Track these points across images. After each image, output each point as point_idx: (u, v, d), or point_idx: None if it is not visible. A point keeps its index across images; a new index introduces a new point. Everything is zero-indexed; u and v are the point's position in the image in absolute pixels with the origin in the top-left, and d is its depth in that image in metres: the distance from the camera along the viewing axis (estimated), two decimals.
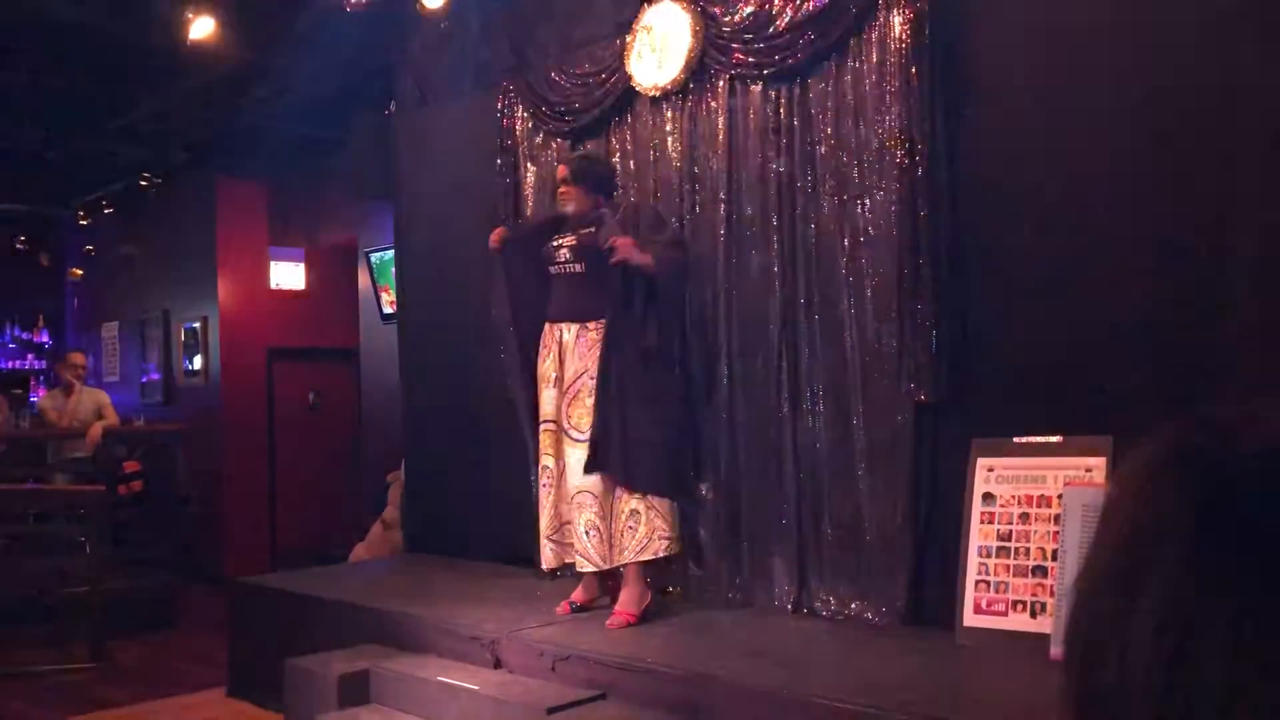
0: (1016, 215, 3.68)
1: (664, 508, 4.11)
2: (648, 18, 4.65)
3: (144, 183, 9.15)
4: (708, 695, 3.32)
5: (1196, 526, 0.50)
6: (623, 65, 4.75)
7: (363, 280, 8.61)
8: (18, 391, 10.42)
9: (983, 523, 3.64)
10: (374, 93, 6.79)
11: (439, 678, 3.90)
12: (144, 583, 7.25)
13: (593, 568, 4.15)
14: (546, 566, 4.38)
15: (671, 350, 4.32)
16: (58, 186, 10.01)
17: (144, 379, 10.10)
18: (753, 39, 4.30)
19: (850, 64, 4.08)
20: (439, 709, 3.82)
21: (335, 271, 9.37)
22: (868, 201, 4.01)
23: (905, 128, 3.82)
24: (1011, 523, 3.60)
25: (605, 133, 4.98)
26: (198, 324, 9.38)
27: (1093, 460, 3.43)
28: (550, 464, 4.27)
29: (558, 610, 4.27)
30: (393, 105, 6.35)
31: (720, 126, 4.46)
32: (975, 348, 3.77)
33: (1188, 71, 3.29)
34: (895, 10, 3.88)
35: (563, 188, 4.32)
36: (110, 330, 10.72)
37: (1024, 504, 3.58)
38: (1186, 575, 0.49)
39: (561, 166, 4.44)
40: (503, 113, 5.37)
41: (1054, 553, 3.44)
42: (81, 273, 11.22)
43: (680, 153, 4.63)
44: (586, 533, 4.11)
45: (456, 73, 5.77)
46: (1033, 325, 3.63)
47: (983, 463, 3.67)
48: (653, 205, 4.56)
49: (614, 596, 4.22)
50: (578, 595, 4.32)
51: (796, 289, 4.24)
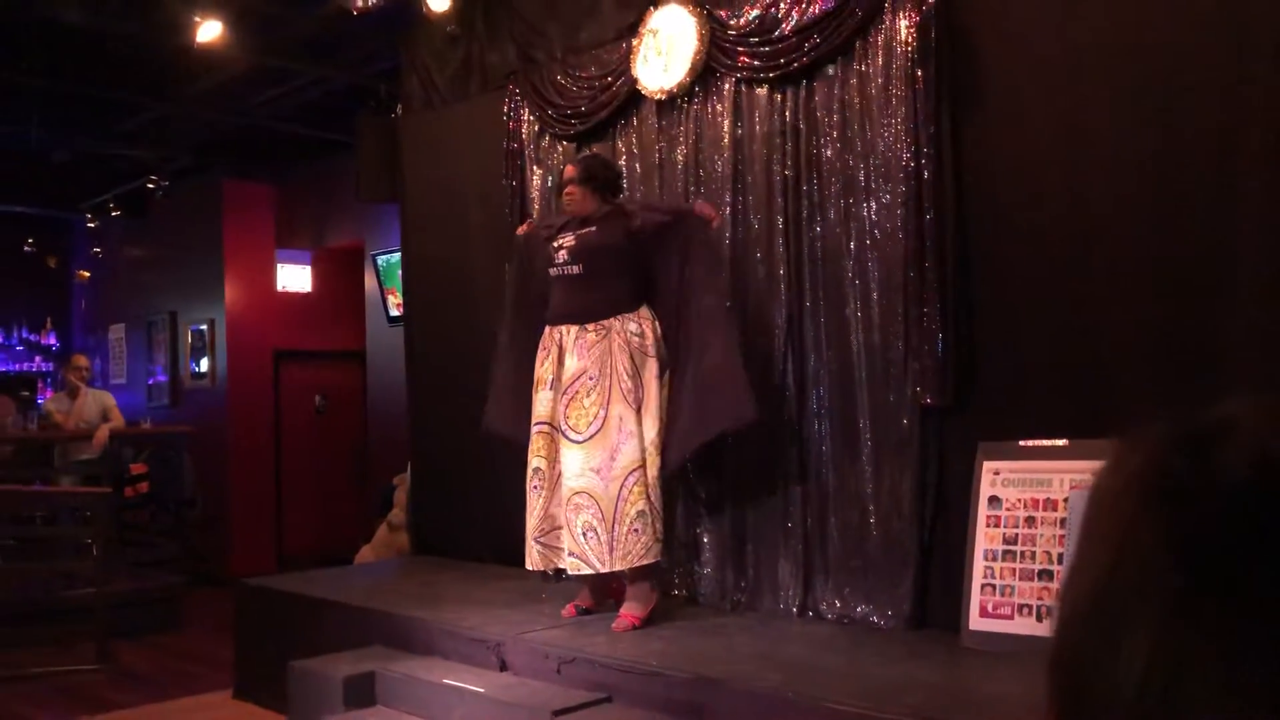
0: (1022, 218, 3.67)
1: (661, 510, 4.11)
2: (654, 21, 4.66)
3: (151, 185, 9.17)
4: (713, 698, 3.31)
5: (1180, 567, 0.49)
6: (629, 68, 4.75)
7: (369, 283, 8.63)
8: (25, 394, 10.42)
9: (989, 526, 3.63)
10: (380, 96, 6.81)
11: (445, 680, 3.90)
12: (150, 585, 7.26)
13: (589, 570, 4.08)
14: (532, 567, 4.33)
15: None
16: (66, 189, 10.05)
17: (151, 381, 10.11)
18: (759, 42, 4.30)
19: (856, 67, 4.08)
20: (444, 711, 3.82)
21: (342, 274, 9.39)
22: (873, 205, 4.01)
23: (911, 131, 3.82)
24: (1017, 526, 3.59)
25: (611, 136, 4.98)
26: (205, 326, 9.40)
27: (1099, 464, 3.42)
28: (542, 466, 4.23)
29: (563, 613, 4.27)
30: (399, 108, 6.36)
31: (726, 129, 4.46)
32: (981, 351, 3.77)
33: (1195, 77, 3.29)
34: (901, 14, 3.88)
35: (569, 188, 4.24)
36: (117, 332, 10.73)
37: (1030, 507, 3.58)
38: (1172, 619, 0.48)
39: (569, 166, 4.37)
40: (508, 116, 5.38)
41: (1060, 556, 3.43)
42: (89, 275, 11.24)
43: (686, 156, 4.63)
44: (584, 534, 4.03)
45: (463, 76, 5.78)
46: (1039, 328, 3.63)
47: (989, 466, 3.67)
48: (650, 202, 4.59)
49: (617, 599, 4.21)
50: (583, 599, 4.32)
51: (802, 292, 4.24)
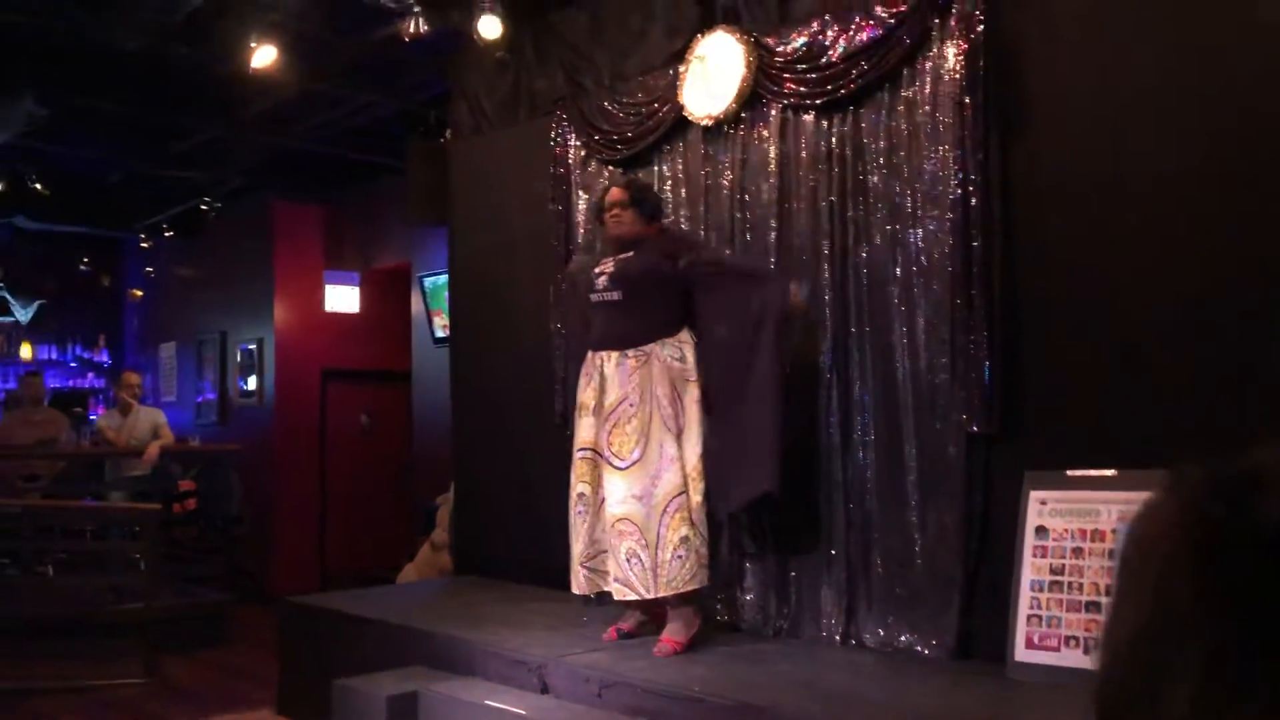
0: (1070, 246, 3.65)
1: (705, 535, 4.11)
2: (701, 48, 4.69)
3: (204, 207, 9.34)
4: None
5: (1218, 619, 0.50)
6: (675, 95, 4.78)
7: (415, 304, 8.71)
8: (78, 410, 10.62)
9: (1035, 556, 3.59)
10: (429, 121, 6.90)
11: (486, 701, 3.91)
12: (196, 600, 7.35)
13: (634, 596, 4.09)
14: (579, 592, 4.35)
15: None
16: (121, 209, 10.26)
17: (200, 399, 10.26)
18: (805, 69, 4.32)
19: (903, 94, 4.08)
20: None
21: (389, 295, 9.48)
22: (920, 231, 4.00)
23: (958, 158, 3.81)
24: (1064, 557, 3.55)
25: (656, 160, 5.01)
26: (254, 345, 9.53)
27: (1137, 504, 3.37)
28: (586, 491, 4.24)
29: (604, 636, 4.27)
30: (448, 133, 6.44)
31: (772, 155, 4.47)
32: (1029, 379, 3.74)
33: (1246, 103, 3.26)
34: (949, 41, 3.88)
35: (615, 210, 4.27)
36: (168, 350, 10.91)
37: (1077, 538, 3.54)
38: (1212, 670, 0.49)
39: (615, 189, 4.38)
40: (556, 141, 5.43)
41: (1108, 588, 3.39)
42: (141, 294, 11.45)
43: (731, 181, 4.64)
44: (628, 560, 4.05)
45: (511, 102, 5.84)
46: (1087, 357, 3.60)
47: (1035, 495, 3.63)
48: (684, 231, 4.68)
49: (659, 623, 4.21)
50: (624, 623, 4.32)
51: (848, 318, 4.23)
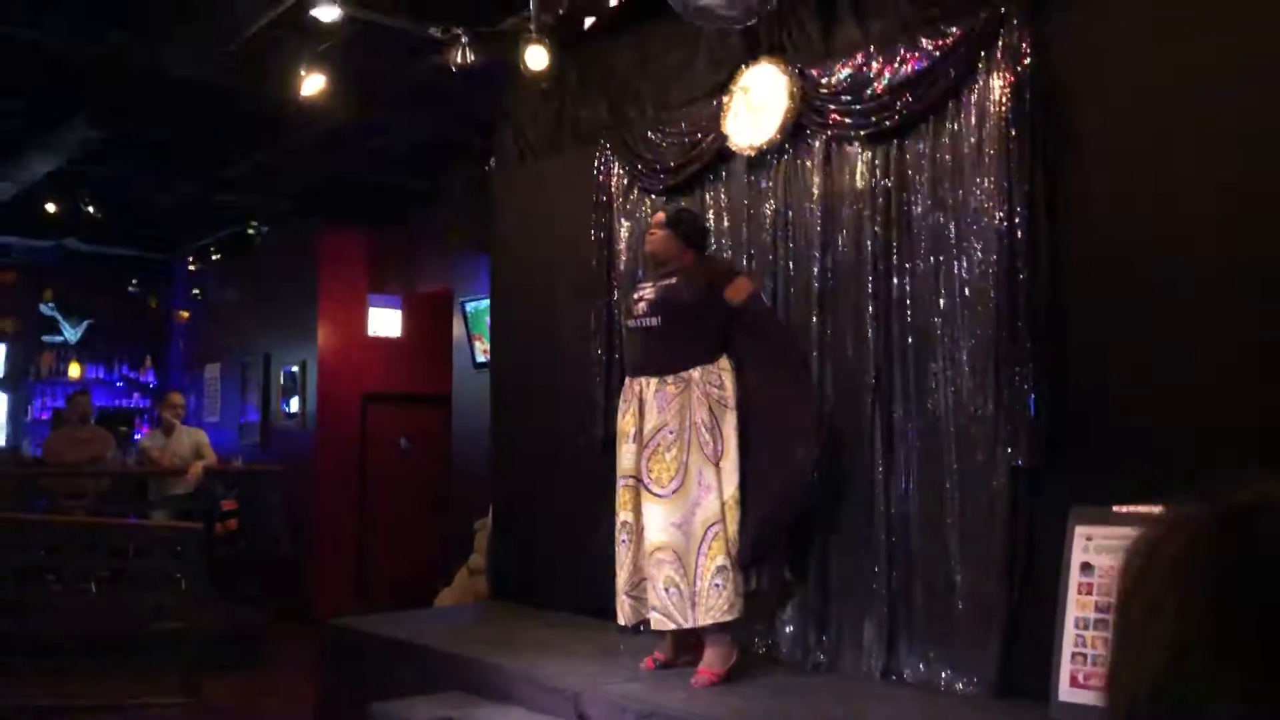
0: (1117, 280, 3.61)
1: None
2: (745, 79, 4.70)
3: (251, 230, 9.48)
4: None
5: (1248, 657, 0.51)
6: (719, 125, 4.80)
7: (457, 329, 8.77)
8: (123, 429, 10.77)
9: (1080, 593, 3.54)
10: (474, 148, 6.96)
11: None
12: (236, 620, 7.40)
13: (672, 626, 4.08)
14: (625, 622, 4.36)
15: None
16: (169, 233, 10.43)
17: (243, 420, 10.37)
18: (850, 100, 4.32)
19: (948, 126, 4.06)
20: None
21: (430, 319, 9.55)
22: (965, 262, 3.98)
23: (1004, 190, 3.79)
24: (1111, 594, 3.49)
25: (699, 189, 5.03)
26: (297, 368, 9.62)
27: (1133, 540, 3.32)
28: (629, 519, 4.25)
29: (641, 666, 4.25)
30: (492, 161, 6.49)
31: (815, 186, 4.48)
32: (1075, 413, 3.69)
33: None
34: (995, 74, 3.87)
35: (654, 229, 4.37)
36: (213, 371, 11.04)
37: None
38: (1251, 704, 0.50)
39: (660, 213, 4.50)
40: (599, 170, 5.46)
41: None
42: (188, 315, 11.62)
43: (774, 211, 4.65)
44: (666, 590, 4.05)
45: (555, 131, 5.89)
46: (1134, 391, 3.55)
47: (1081, 531, 3.58)
48: (725, 260, 4.67)
49: (696, 654, 4.19)
50: (662, 653, 4.30)
51: (891, 349, 4.21)
